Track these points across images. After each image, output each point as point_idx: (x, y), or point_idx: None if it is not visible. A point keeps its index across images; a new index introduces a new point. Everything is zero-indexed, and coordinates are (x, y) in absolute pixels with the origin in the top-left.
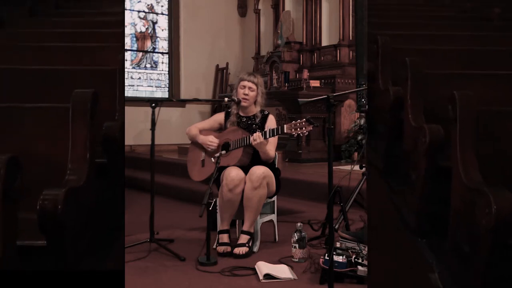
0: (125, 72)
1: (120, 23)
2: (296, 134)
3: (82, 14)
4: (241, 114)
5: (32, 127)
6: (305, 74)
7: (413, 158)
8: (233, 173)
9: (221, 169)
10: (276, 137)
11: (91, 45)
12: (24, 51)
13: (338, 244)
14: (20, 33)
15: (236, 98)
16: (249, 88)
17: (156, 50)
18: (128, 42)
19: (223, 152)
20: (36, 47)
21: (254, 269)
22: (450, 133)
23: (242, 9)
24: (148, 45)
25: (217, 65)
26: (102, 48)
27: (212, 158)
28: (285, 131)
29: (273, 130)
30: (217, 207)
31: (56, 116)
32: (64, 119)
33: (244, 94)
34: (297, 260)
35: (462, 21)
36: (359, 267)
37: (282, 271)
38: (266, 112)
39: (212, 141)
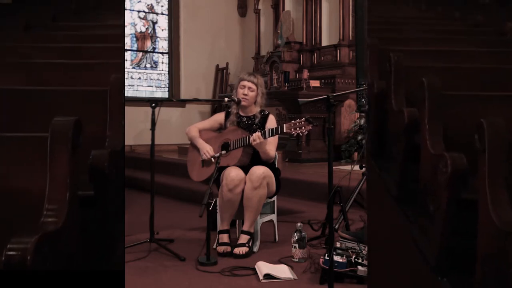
0: (125, 72)
1: (119, 38)
2: (295, 134)
3: (73, 27)
4: (241, 114)
5: (6, 160)
6: (305, 74)
7: (432, 188)
8: (233, 173)
9: (221, 169)
10: (276, 137)
11: (82, 62)
12: (9, 68)
13: (338, 244)
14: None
15: (236, 98)
16: (249, 88)
17: (156, 50)
18: (128, 42)
19: (223, 152)
20: (19, 64)
21: (254, 269)
22: (473, 162)
23: (242, 9)
24: (148, 45)
25: (217, 65)
26: (95, 66)
27: (212, 158)
28: (284, 131)
29: (272, 129)
30: (217, 207)
31: (35, 147)
32: (43, 150)
33: (244, 94)
34: (297, 260)
35: (473, 35)
36: (359, 267)
37: (282, 271)
38: (266, 112)
39: (208, 151)
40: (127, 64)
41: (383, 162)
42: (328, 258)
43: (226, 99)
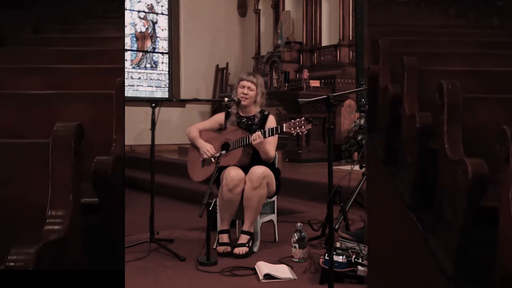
0: (125, 72)
1: (119, 41)
2: (295, 133)
3: (75, 31)
4: (241, 114)
5: (8, 167)
6: (305, 74)
7: (450, 194)
8: (233, 173)
9: (221, 169)
10: (276, 136)
11: (85, 66)
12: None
13: (338, 244)
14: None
15: (236, 98)
16: (248, 87)
17: (156, 50)
18: (128, 42)
19: (223, 152)
20: (24, 69)
21: (254, 269)
22: (491, 168)
23: (242, 9)
24: (148, 45)
25: (217, 65)
26: (97, 70)
27: (212, 158)
28: (284, 130)
29: (272, 129)
30: (217, 207)
31: (37, 153)
32: (45, 157)
33: (243, 94)
34: (297, 260)
35: (486, 37)
36: (359, 267)
37: (282, 271)
38: (266, 113)
39: (208, 150)
40: (127, 64)
41: (396, 168)
42: (328, 258)
43: (226, 99)
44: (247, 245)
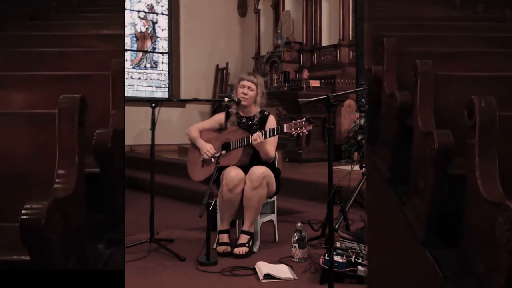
0: (125, 72)
1: (120, 25)
2: (296, 134)
3: (78, 13)
4: (241, 114)
5: (18, 134)
6: (305, 74)
7: (422, 165)
8: (233, 173)
9: (221, 169)
10: (276, 137)
11: (86, 50)
12: (12, 55)
13: (338, 244)
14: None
15: (236, 98)
16: (248, 87)
17: (156, 50)
18: (128, 42)
19: (223, 152)
20: (26, 52)
21: (254, 269)
22: (464, 139)
23: (242, 9)
24: (148, 45)
25: (217, 65)
26: (99, 52)
27: (212, 158)
28: (285, 131)
29: (273, 129)
30: (217, 207)
31: (43, 122)
32: (51, 126)
33: (243, 94)
34: (297, 260)
35: (474, 21)
36: (359, 267)
37: (282, 271)
38: (266, 113)
39: (209, 150)
40: (127, 64)
41: (378, 146)
42: (328, 258)
43: (226, 99)
44: (247, 245)
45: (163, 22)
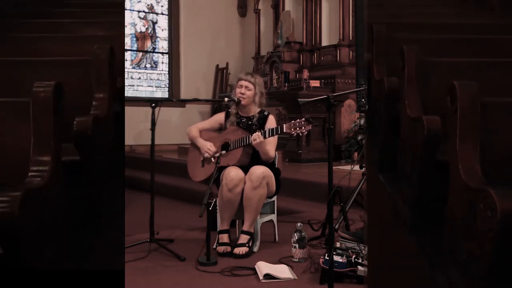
0: (125, 72)
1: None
2: (295, 134)
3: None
4: (241, 114)
5: None
6: (305, 74)
7: (410, 151)
8: (233, 173)
9: (221, 169)
10: (276, 137)
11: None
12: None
13: (338, 244)
14: None
15: (236, 98)
16: (246, 87)
17: (156, 50)
18: (128, 42)
19: (223, 152)
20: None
21: (254, 269)
22: (449, 125)
23: (242, 9)
24: (148, 45)
25: (217, 65)
26: (96, 38)
27: (212, 158)
28: (284, 131)
29: (272, 129)
30: (217, 207)
31: (18, 111)
32: (26, 114)
33: (241, 93)
34: (297, 260)
35: (461, 8)
36: (359, 267)
37: (282, 271)
38: (266, 113)
39: (209, 149)
40: (127, 64)
41: (373, 136)
42: (328, 258)
43: (226, 99)
44: (247, 245)
45: (163, 22)
